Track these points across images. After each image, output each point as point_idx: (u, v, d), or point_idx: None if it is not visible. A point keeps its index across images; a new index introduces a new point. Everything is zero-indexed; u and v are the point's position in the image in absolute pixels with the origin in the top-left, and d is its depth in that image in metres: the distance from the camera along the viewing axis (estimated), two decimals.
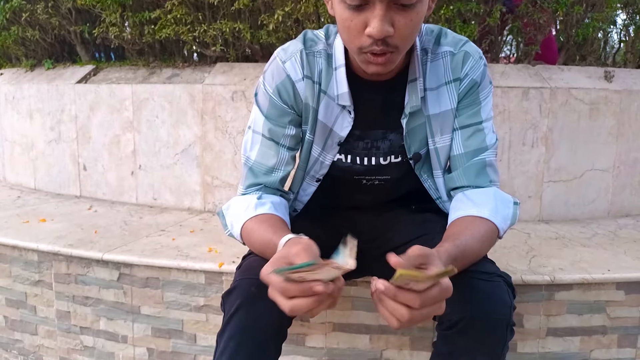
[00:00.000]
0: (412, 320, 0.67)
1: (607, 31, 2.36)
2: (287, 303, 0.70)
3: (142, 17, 2.13)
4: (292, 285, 0.68)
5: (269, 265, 0.73)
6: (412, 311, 0.66)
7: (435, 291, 0.66)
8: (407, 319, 0.66)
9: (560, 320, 1.35)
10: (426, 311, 0.67)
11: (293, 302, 0.69)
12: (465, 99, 1.00)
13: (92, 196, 2.29)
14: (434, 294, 0.66)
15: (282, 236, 0.85)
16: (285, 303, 0.70)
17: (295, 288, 0.68)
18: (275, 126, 1.03)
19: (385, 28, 0.80)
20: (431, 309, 0.68)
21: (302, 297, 0.69)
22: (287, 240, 0.83)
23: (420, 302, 0.66)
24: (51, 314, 1.59)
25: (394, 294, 0.65)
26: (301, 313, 0.70)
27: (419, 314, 0.67)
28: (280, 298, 0.71)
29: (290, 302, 0.69)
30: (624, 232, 1.82)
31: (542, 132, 1.92)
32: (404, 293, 0.65)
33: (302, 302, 0.69)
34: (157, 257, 1.45)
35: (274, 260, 0.75)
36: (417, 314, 0.66)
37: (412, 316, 0.66)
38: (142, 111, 2.12)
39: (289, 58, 1.01)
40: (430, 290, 0.66)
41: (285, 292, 0.69)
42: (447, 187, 1.06)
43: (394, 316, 0.67)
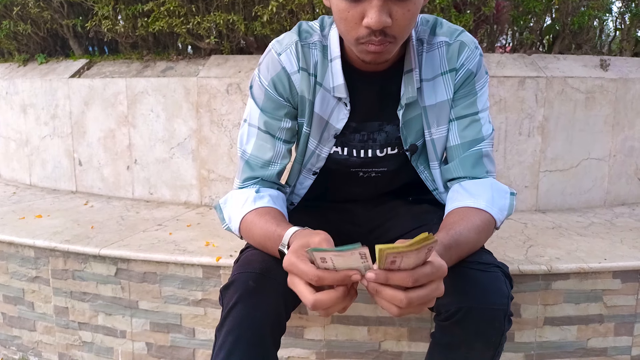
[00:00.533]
0: (411, 304, 0.65)
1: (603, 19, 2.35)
2: (311, 297, 0.68)
3: (134, 10, 2.11)
4: (328, 274, 0.67)
5: (292, 255, 0.72)
6: (409, 294, 0.65)
7: (427, 268, 0.66)
8: (406, 303, 0.65)
9: (557, 310, 1.36)
10: (423, 292, 0.66)
11: (318, 295, 0.68)
12: (461, 90, 1.00)
13: (88, 191, 2.28)
14: (426, 271, 0.65)
15: (287, 227, 0.85)
16: (310, 297, 0.68)
17: (331, 276, 0.66)
18: (271, 119, 1.02)
19: (383, 19, 0.79)
20: (428, 289, 0.66)
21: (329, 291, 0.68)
22: (295, 231, 0.83)
23: (412, 279, 0.64)
24: (49, 310, 1.59)
25: (385, 278, 0.64)
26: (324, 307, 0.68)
27: (416, 295, 0.66)
28: (305, 289, 0.69)
29: (315, 295, 0.68)
30: (620, 220, 1.82)
31: (538, 121, 1.92)
32: (394, 274, 0.64)
33: (328, 295, 0.67)
34: (154, 251, 1.45)
35: (295, 250, 0.73)
36: (414, 296, 0.65)
37: (410, 300, 0.65)
38: (136, 105, 2.10)
39: (284, 50, 1.00)
40: (422, 267, 0.65)
41: (320, 280, 0.67)
42: (443, 178, 1.06)
43: (392, 304, 0.66)
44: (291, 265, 0.71)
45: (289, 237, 0.83)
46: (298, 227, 0.85)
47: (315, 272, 0.67)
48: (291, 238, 0.83)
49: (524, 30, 2.14)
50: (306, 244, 0.74)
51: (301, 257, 0.70)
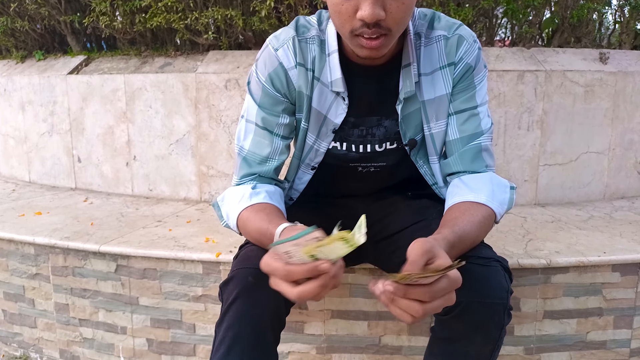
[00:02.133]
0: (425, 314, 0.66)
1: (602, 12, 2.34)
2: (293, 290, 0.68)
3: (132, 6, 2.10)
4: (296, 267, 0.67)
5: (268, 256, 0.72)
6: (425, 305, 0.66)
7: (444, 283, 0.66)
8: (421, 313, 0.66)
9: (556, 303, 1.36)
10: (438, 303, 0.67)
11: (299, 288, 0.68)
12: (460, 84, 0.99)
13: (88, 188, 2.28)
14: (443, 285, 0.66)
15: (278, 224, 0.85)
16: (291, 290, 0.68)
17: (300, 269, 0.67)
18: (269, 115, 1.02)
19: (376, 11, 0.79)
20: (442, 300, 0.67)
21: (307, 282, 0.67)
22: (284, 228, 0.83)
23: (430, 295, 0.65)
24: (50, 307, 1.59)
25: (404, 293, 0.65)
26: (309, 298, 0.68)
27: (431, 306, 0.66)
28: (285, 286, 0.69)
29: (296, 288, 0.68)
30: (619, 214, 1.82)
31: (538, 115, 1.92)
32: (413, 289, 0.65)
33: (309, 286, 0.67)
34: (154, 248, 1.45)
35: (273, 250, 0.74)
36: (429, 307, 0.66)
37: (425, 310, 0.66)
38: (135, 101, 2.10)
39: (281, 45, 0.99)
40: (439, 282, 0.66)
41: (289, 276, 0.67)
42: (443, 173, 1.06)
43: (407, 312, 0.67)
44: (266, 265, 0.71)
45: (278, 235, 0.83)
46: (288, 223, 0.85)
47: (284, 267, 0.68)
48: (280, 236, 0.83)
49: (523, 24, 2.13)
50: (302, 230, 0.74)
51: (273, 256, 0.70)
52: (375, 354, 1.37)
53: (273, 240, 0.84)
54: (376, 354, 1.37)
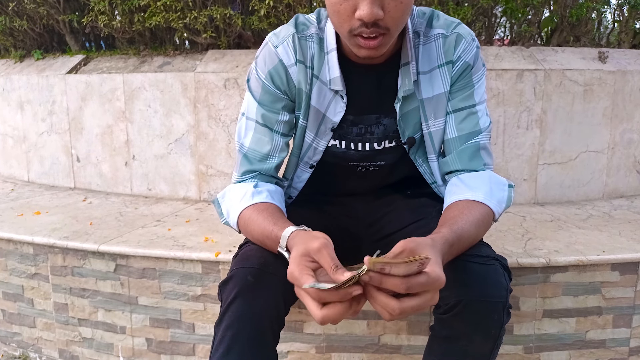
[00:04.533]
0: (404, 312, 0.67)
1: (601, 11, 2.34)
2: (319, 313, 0.70)
3: (131, 5, 2.10)
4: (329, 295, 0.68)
5: (295, 267, 0.73)
6: (402, 303, 0.67)
7: (422, 278, 0.66)
8: (398, 311, 0.67)
9: (555, 302, 1.36)
10: (415, 302, 0.67)
11: (325, 311, 0.69)
12: (458, 82, 0.99)
13: (87, 187, 2.28)
14: (420, 280, 0.66)
15: (284, 227, 0.85)
16: (318, 313, 0.70)
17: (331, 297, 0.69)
18: (269, 112, 1.02)
19: (375, 11, 0.79)
20: (421, 299, 0.68)
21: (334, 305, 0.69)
22: (292, 232, 0.83)
23: (405, 286, 0.65)
24: (49, 307, 1.59)
25: (379, 281, 0.66)
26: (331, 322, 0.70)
27: (409, 305, 0.67)
28: (312, 305, 0.71)
29: (322, 311, 0.69)
30: (618, 213, 1.82)
31: (537, 114, 1.92)
32: (388, 279, 0.65)
33: (335, 310, 0.69)
34: (153, 247, 1.45)
35: (296, 259, 0.75)
36: (406, 305, 0.67)
37: (402, 309, 0.67)
38: (134, 101, 2.10)
39: (281, 43, 0.99)
40: (417, 276, 0.66)
41: (321, 299, 0.69)
42: (441, 171, 1.06)
43: (385, 309, 0.68)
44: (294, 279, 0.73)
45: (286, 239, 0.83)
46: (295, 227, 0.85)
47: (316, 292, 0.69)
48: (289, 241, 0.83)
49: (522, 23, 2.13)
50: (305, 251, 0.75)
51: (302, 270, 0.72)
52: (374, 353, 1.37)
53: (278, 243, 0.85)
54: (375, 353, 1.37)
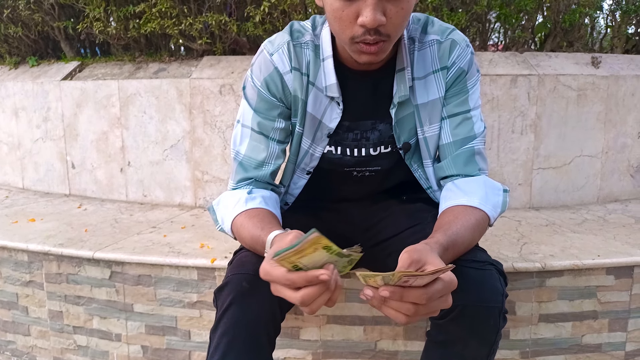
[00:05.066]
0: (418, 314, 0.67)
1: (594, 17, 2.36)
2: (296, 294, 0.68)
3: (126, 12, 2.10)
4: (297, 275, 0.67)
5: (264, 263, 0.72)
6: (418, 306, 0.66)
7: (439, 285, 0.66)
8: (414, 312, 0.66)
9: (551, 307, 1.36)
10: (432, 305, 0.67)
11: (302, 292, 0.68)
12: (453, 88, 1.00)
13: (82, 194, 2.27)
14: (439, 287, 0.66)
15: (270, 231, 0.85)
16: (294, 295, 0.68)
17: (301, 278, 0.67)
18: (265, 119, 1.02)
19: (378, 17, 0.79)
20: (437, 302, 0.68)
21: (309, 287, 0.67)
22: (275, 236, 0.83)
23: (427, 297, 0.66)
24: (43, 314, 1.58)
25: (400, 295, 0.65)
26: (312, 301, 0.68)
27: (425, 308, 0.67)
28: (287, 291, 0.69)
29: (299, 292, 0.68)
30: (613, 217, 1.83)
31: (531, 119, 1.93)
32: (409, 292, 0.65)
33: (311, 290, 0.67)
34: (148, 254, 1.44)
35: (269, 257, 0.73)
36: (422, 308, 0.67)
37: (417, 310, 0.66)
38: (129, 107, 2.09)
39: (276, 50, 1.00)
40: (435, 284, 0.66)
41: (291, 284, 0.68)
42: (436, 177, 1.06)
43: (400, 312, 0.67)
44: (266, 274, 0.71)
45: (269, 243, 0.83)
46: (279, 230, 0.84)
47: (286, 275, 0.68)
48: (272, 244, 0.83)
49: (516, 29, 2.15)
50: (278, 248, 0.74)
51: (273, 264, 0.70)
52: (371, 359, 1.36)
53: (265, 247, 0.84)
54: (372, 359, 1.36)
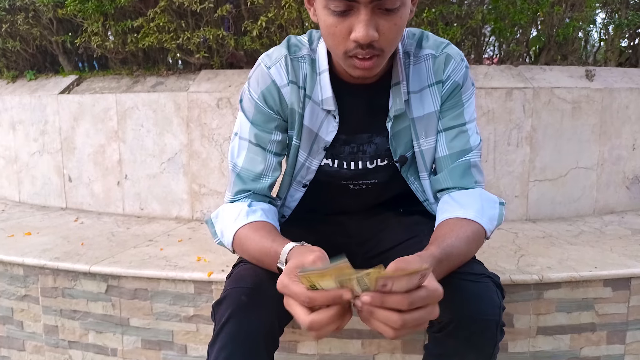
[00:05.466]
0: (405, 325, 0.65)
1: (588, 30, 2.39)
2: (306, 317, 0.67)
3: (124, 26, 2.11)
4: (318, 294, 0.66)
5: (284, 276, 0.71)
6: (404, 316, 0.65)
7: (422, 292, 0.66)
8: (400, 324, 0.65)
9: (549, 319, 1.36)
10: (418, 315, 0.66)
11: (313, 316, 0.67)
12: (448, 101, 1.01)
13: (78, 208, 2.27)
14: (421, 294, 0.66)
15: (283, 244, 0.85)
16: (305, 317, 0.67)
17: (322, 297, 0.66)
18: (262, 132, 1.02)
19: (370, 32, 0.80)
20: (423, 312, 0.67)
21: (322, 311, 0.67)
22: (292, 248, 0.83)
23: (408, 302, 0.64)
24: (38, 329, 1.57)
25: (381, 300, 0.64)
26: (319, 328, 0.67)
27: (411, 318, 0.65)
28: (300, 310, 0.68)
29: (309, 317, 0.67)
30: (609, 229, 1.84)
31: (527, 131, 1.94)
32: (390, 296, 0.64)
33: (323, 316, 0.67)
34: (145, 267, 1.44)
35: (288, 269, 0.73)
36: (408, 318, 0.65)
37: (404, 321, 0.65)
38: (126, 120, 2.10)
39: (273, 64, 1.00)
40: (418, 291, 0.65)
41: (311, 302, 0.67)
42: (433, 189, 1.06)
43: (387, 325, 0.66)
44: (284, 287, 0.71)
45: (286, 254, 0.83)
46: (294, 243, 0.84)
47: (306, 293, 0.67)
48: (288, 255, 0.82)
49: (511, 42, 2.17)
50: (300, 263, 0.74)
51: (293, 278, 0.70)
52: None
53: (277, 260, 0.84)
54: None
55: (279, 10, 1.94)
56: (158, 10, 2.02)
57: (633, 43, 2.48)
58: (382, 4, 0.80)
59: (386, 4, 0.80)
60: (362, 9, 0.80)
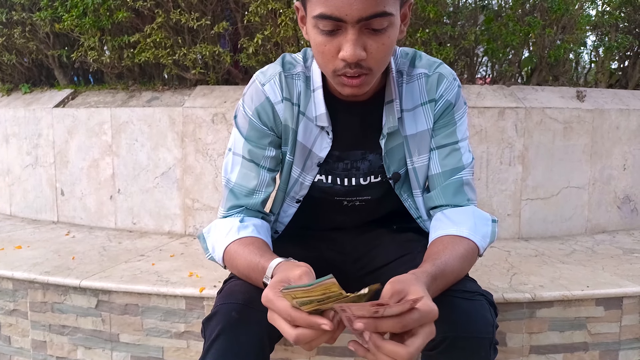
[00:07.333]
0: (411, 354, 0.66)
1: (578, 52, 2.44)
2: (292, 331, 0.68)
3: (121, 41, 2.13)
4: (299, 315, 0.67)
5: (269, 290, 0.72)
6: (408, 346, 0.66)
7: (415, 315, 0.67)
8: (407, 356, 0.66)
9: (542, 338, 1.36)
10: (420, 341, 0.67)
11: (299, 331, 0.68)
12: (441, 120, 1.02)
13: (70, 221, 2.25)
14: (415, 316, 0.67)
15: (270, 259, 0.84)
16: (290, 331, 0.68)
17: (302, 319, 0.67)
18: (256, 148, 1.03)
19: (357, 52, 0.82)
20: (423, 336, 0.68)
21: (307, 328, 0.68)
22: (279, 263, 0.83)
23: (401, 325, 0.65)
24: (26, 344, 1.54)
25: (374, 326, 0.65)
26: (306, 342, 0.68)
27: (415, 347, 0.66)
28: (284, 325, 0.69)
29: (295, 330, 0.68)
30: (601, 248, 1.85)
31: (519, 150, 1.96)
32: (382, 321, 0.65)
33: (309, 332, 0.68)
34: (136, 283, 1.43)
35: (274, 284, 0.73)
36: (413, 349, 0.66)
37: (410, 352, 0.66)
38: (121, 135, 2.10)
39: (268, 81, 1.01)
40: (411, 313, 0.66)
41: (292, 321, 0.68)
42: (426, 207, 1.07)
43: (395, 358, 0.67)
44: (268, 301, 0.71)
45: (272, 269, 0.83)
46: (282, 258, 0.84)
47: (289, 311, 0.68)
48: (274, 270, 0.82)
49: (503, 63, 2.20)
50: (286, 278, 0.74)
51: (277, 294, 0.70)
52: None
53: (264, 274, 0.84)
54: None
55: (275, 28, 1.97)
56: (155, 26, 2.04)
57: (623, 65, 2.52)
58: (370, 24, 0.81)
59: (373, 24, 0.81)
60: (349, 28, 0.81)
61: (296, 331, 0.68)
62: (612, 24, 2.35)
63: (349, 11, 0.79)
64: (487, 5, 2.18)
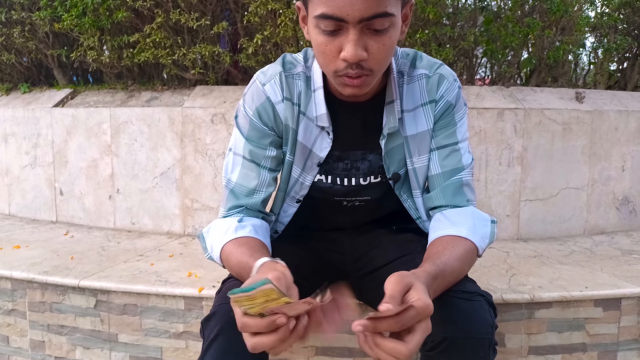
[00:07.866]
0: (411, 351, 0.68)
1: (577, 54, 2.44)
2: (250, 340, 0.67)
3: (120, 41, 2.13)
4: (252, 321, 0.66)
5: None
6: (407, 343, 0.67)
7: (412, 312, 0.68)
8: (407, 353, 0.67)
9: (541, 339, 1.36)
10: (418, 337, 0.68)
11: (255, 339, 0.67)
12: (441, 120, 1.02)
13: (69, 221, 2.25)
14: (411, 314, 0.67)
15: (257, 259, 0.84)
16: (248, 340, 0.67)
17: (254, 324, 0.66)
18: (256, 148, 1.03)
19: (358, 52, 0.82)
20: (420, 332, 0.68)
21: (265, 335, 0.67)
22: (262, 263, 0.83)
23: (399, 325, 0.67)
24: (25, 344, 1.54)
25: (373, 327, 0.66)
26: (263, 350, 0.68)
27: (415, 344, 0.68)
28: (245, 334, 0.68)
29: (252, 339, 0.67)
30: (599, 249, 1.85)
31: (518, 151, 1.96)
32: (381, 321, 0.66)
33: (265, 339, 0.67)
34: (135, 282, 1.42)
35: None
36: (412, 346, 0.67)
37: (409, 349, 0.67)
38: (120, 135, 2.10)
39: (268, 80, 1.02)
40: (407, 311, 0.67)
41: (244, 327, 0.67)
42: (425, 207, 1.07)
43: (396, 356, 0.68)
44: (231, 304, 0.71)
45: (257, 269, 0.82)
46: (268, 258, 0.84)
47: (240, 318, 0.68)
48: (257, 271, 0.82)
49: (502, 64, 2.21)
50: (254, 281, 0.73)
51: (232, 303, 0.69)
52: None
53: (250, 274, 0.84)
54: None
55: (274, 28, 1.97)
56: (154, 26, 2.04)
57: (621, 66, 2.53)
58: (371, 25, 0.81)
59: (375, 24, 0.81)
60: (351, 29, 0.81)
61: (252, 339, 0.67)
62: (611, 25, 2.36)
63: (350, 11, 0.79)
64: (486, 7, 2.19)
